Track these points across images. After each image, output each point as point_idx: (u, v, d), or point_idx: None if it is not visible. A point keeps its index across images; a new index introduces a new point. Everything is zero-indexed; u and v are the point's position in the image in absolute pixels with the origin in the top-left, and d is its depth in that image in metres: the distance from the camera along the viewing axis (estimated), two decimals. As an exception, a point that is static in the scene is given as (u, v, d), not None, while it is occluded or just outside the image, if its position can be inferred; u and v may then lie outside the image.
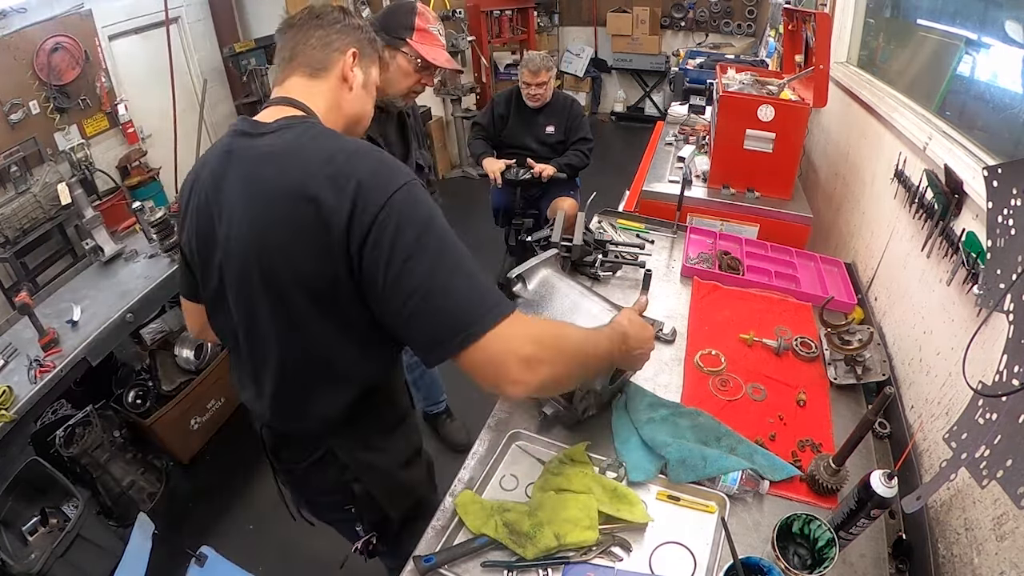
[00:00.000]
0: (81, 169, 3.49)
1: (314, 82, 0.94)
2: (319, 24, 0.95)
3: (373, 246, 0.76)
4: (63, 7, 3.45)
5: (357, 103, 0.99)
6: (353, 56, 0.96)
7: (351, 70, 0.96)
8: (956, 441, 0.87)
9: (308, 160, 0.80)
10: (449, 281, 0.77)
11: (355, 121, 1.01)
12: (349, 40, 0.97)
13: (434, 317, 0.77)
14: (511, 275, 1.23)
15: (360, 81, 0.98)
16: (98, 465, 2.14)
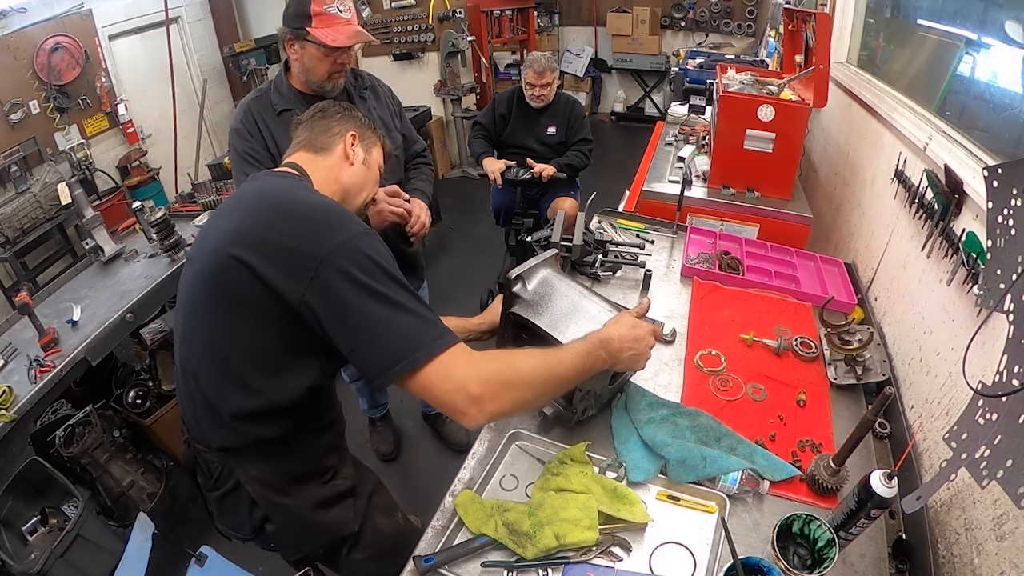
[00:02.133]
0: (81, 169, 3.49)
1: (317, 157, 1.11)
2: (323, 116, 1.16)
3: (320, 286, 0.86)
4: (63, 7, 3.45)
5: (357, 176, 1.14)
6: (352, 138, 1.14)
7: (351, 148, 1.13)
8: (956, 441, 0.87)
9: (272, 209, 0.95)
10: (386, 320, 0.86)
11: (355, 192, 1.15)
12: (348, 125, 1.15)
13: (372, 350, 0.87)
14: (510, 276, 1.23)
15: (360, 158, 1.14)
16: (98, 465, 2.14)
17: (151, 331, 2.48)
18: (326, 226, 0.89)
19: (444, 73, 4.99)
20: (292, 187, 1.01)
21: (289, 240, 0.88)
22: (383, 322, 0.86)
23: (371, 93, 1.73)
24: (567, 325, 1.16)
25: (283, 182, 1.03)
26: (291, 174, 1.07)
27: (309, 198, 0.97)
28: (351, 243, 0.88)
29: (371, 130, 1.19)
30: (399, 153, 1.75)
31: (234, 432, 1.00)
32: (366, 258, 0.87)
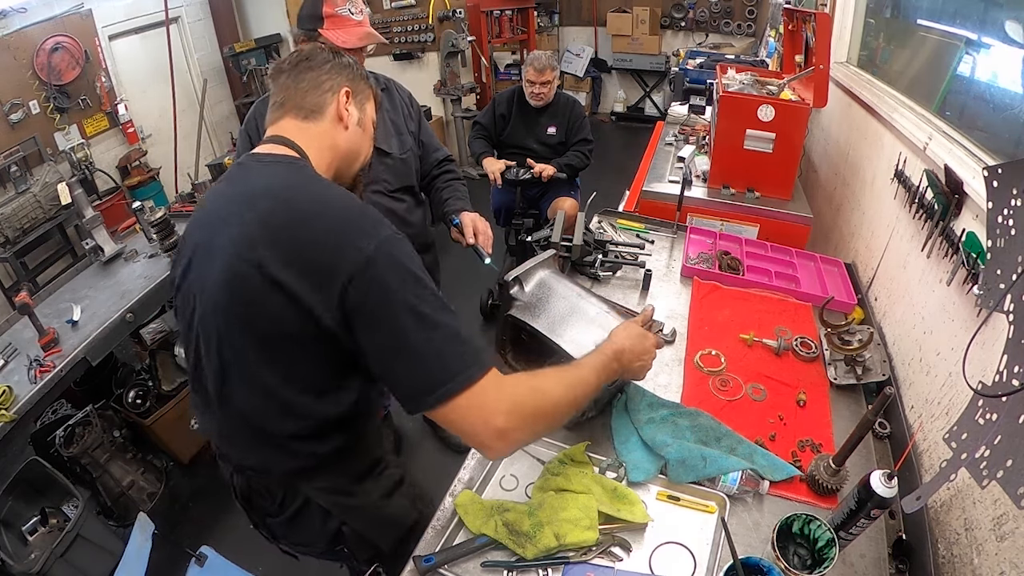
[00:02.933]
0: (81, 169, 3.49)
1: (308, 124, 0.96)
2: (309, 66, 0.97)
3: (352, 301, 0.78)
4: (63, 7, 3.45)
5: (353, 140, 1.01)
6: (346, 95, 0.98)
7: (345, 109, 0.98)
8: (956, 441, 0.87)
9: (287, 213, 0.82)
10: (420, 342, 0.78)
11: (351, 158, 1.03)
12: (341, 79, 0.98)
13: (406, 375, 0.80)
14: (507, 278, 1.22)
15: (355, 119, 1.00)
16: (98, 465, 2.15)
17: (151, 331, 2.48)
18: (354, 232, 0.80)
19: (444, 73, 4.99)
20: (301, 182, 0.88)
21: (315, 251, 0.78)
22: (416, 345, 0.78)
23: (385, 95, 1.70)
24: (565, 327, 1.16)
25: (288, 174, 0.89)
26: (289, 157, 0.92)
27: (326, 195, 0.86)
28: (383, 251, 0.79)
29: (363, 80, 1.04)
30: (408, 157, 1.71)
31: (294, 455, 0.96)
32: (400, 267, 0.79)
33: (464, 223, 1.62)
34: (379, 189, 1.66)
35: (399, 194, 1.71)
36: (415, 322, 0.78)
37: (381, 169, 1.65)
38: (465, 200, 1.77)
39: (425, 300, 0.79)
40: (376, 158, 1.64)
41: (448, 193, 1.78)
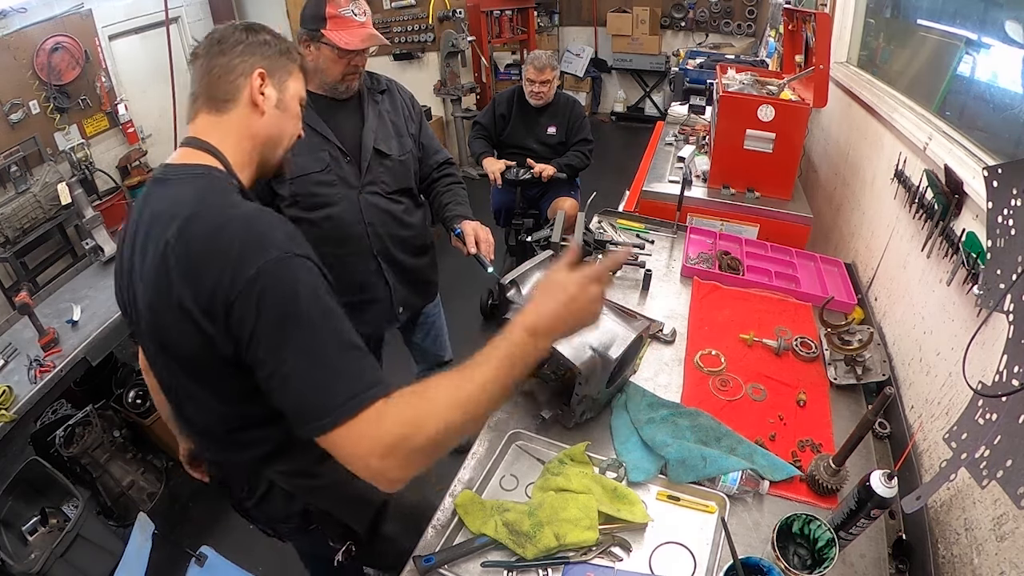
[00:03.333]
0: (81, 169, 3.49)
1: (220, 117, 0.91)
2: (220, 50, 0.91)
3: (235, 321, 0.75)
4: (63, 7, 3.45)
5: (273, 125, 0.94)
6: (260, 77, 0.91)
7: (259, 93, 0.91)
8: (956, 441, 0.87)
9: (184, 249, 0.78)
10: (296, 373, 0.75)
11: (273, 144, 0.96)
12: (254, 60, 0.92)
13: (284, 403, 0.76)
14: (503, 282, 1.22)
15: (273, 101, 0.93)
16: (98, 465, 2.14)
17: (151, 331, 2.47)
18: (242, 256, 0.75)
19: (444, 73, 4.99)
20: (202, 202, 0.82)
21: (207, 278, 0.75)
22: (291, 376, 0.75)
23: (386, 97, 1.71)
24: None
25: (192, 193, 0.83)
26: (199, 169, 0.87)
27: (221, 218, 0.79)
28: (266, 274, 0.74)
29: (285, 55, 0.96)
30: (407, 159, 1.71)
31: (247, 446, 0.98)
32: (281, 292, 0.75)
33: (466, 232, 1.62)
34: (377, 191, 1.66)
35: (397, 196, 1.71)
36: (292, 352, 0.75)
37: (380, 171, 1.65)
38: (465, 205, 1.76)
39: (305, 328, 0.75)
40: (375, 159, 1.64)
41: (448, 198, 1.77)
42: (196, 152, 0.88)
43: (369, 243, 1.70)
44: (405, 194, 1.74)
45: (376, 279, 1.76)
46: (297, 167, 1.59)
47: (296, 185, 1.60)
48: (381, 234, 1.70)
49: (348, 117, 1.63)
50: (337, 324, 0.78)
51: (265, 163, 0.96)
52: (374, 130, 1.64)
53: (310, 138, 1.59)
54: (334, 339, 0.77)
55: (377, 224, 1.68)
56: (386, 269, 1.75)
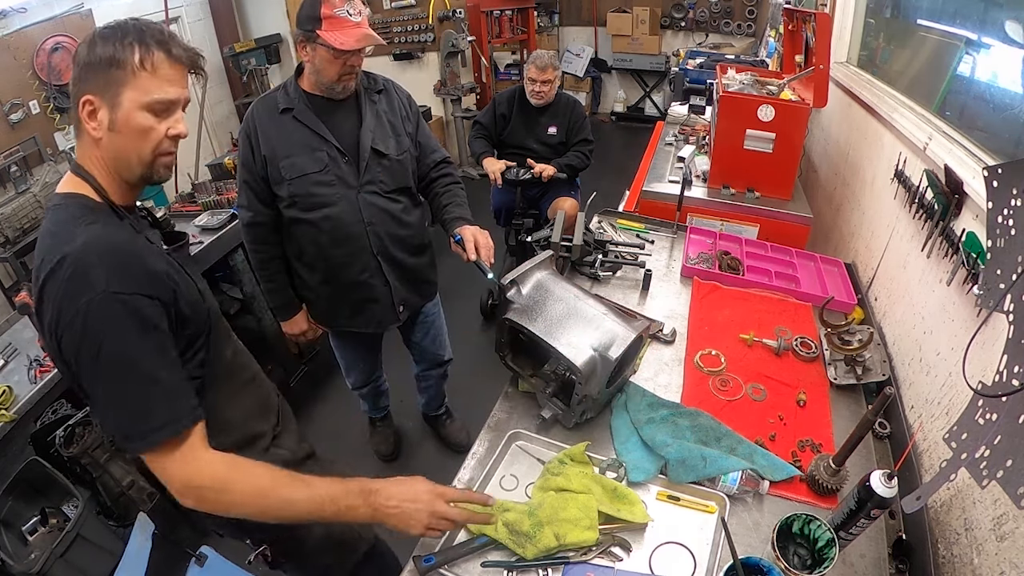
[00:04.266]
0: (81, 169, 3.49)
1: (79, 141, 0.94)
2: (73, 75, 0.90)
3: (64, 356, 0.85)
4: (63, 7, 3.45)
5: (111, 148, 0.90)
6: (88, 104, 0.87)
7: (89, 121, 0.89)
8: (956, 441, 0.87)
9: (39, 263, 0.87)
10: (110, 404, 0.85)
11: (124, 162, 0.91)
12: (82, 87, 0.87)
13: (105, 425, 0.89)
14: (503, 282, 1.22)
15: (105, 125, 0.88)
16: (98, 465, 2.14)
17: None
18: (68, 291, 0.82)
19: (444, 73, 4.99)
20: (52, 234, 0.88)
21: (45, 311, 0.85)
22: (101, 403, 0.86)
23: (383, 97, 1.70)
24: (562, 330, 1.16)
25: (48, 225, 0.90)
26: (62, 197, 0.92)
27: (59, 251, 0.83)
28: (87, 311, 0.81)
29: (114, 66, 0.85)
30: (405, 158, 1.71)
31: None
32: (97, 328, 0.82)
33: (465, 238, 1.58)
34: (375, 190, 1.66)
35: (395, 195, 1.71)
36: (103, 386, 0.84)
37: (378, 170, 1.66)
38: (464, 207, 1.74)
39: (111, 367, 0.83)
40: (373, 159, 1.64)
41: (447, 199, 1.76)
42: (70, 177, 0.94)
43: (368, 243, 1.70)
44: (403, 193, 1.74)
45: (376, 279, 1.76)
46: (295, 168, 1.59)
47: (294, 186, 1.60)
48: (380, 233, 1.70)
49: (346, 117, 1.63)
50: (141, 359, 0.84)
51: (129, 179, 0.94)
52: (372, 130, 1.64)
53: (308, 139, 1.59)
54: (131, 377, 0.84)
55: (376, 224, 1.68)
56: (386, 268, 1.75)
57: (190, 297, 0.94)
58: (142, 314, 0.84)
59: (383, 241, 1.71)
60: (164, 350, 0.87)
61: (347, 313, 1.84)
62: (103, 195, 0.92)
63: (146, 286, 0.85)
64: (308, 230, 1.67)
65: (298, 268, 1.79)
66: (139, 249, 0.89)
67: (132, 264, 0.86)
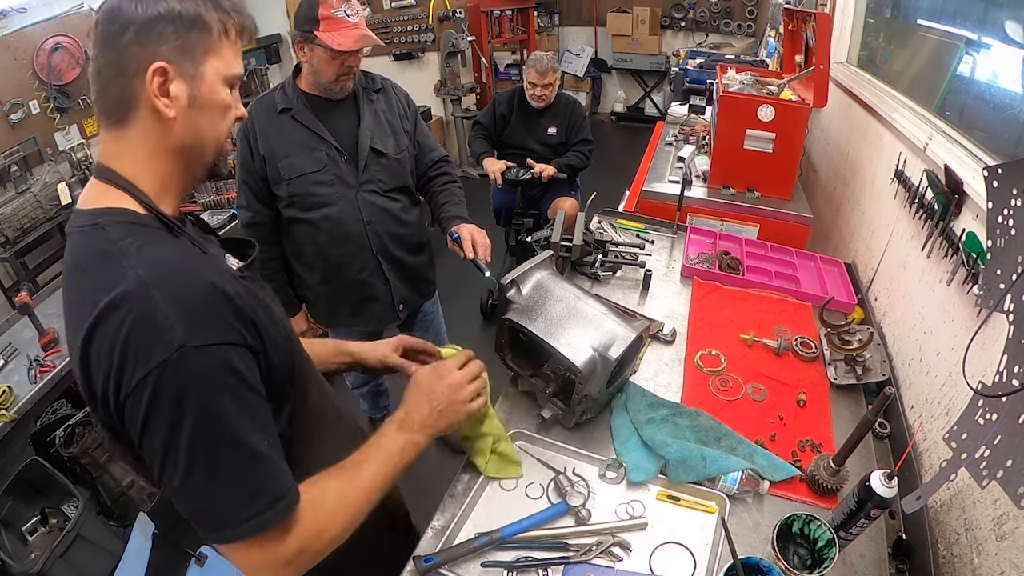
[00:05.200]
0: (81, 169, 3.49)
1: (120, 133, 0.70)
2: (108, 44, 0.67)
3: (127, 424, 0.66)
4: (63, 7, 3.45)
5: (188, 130, 0.71)
6: (161, 73, 0.67)
7: (158, 96, 0.68)
8: (956, 441, 0.87)
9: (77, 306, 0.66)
10: (198, 489, 0.67)
11: (196, 151, 0.74)
12: (150, 50, 0.67)
13: (183, 508, 0.70)
14: (503, 281, 1.22)
15: (184, 100, 0.69)
16: (98, 465, 2.14)
17: (151, 331, 2.47)
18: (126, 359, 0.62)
19: (444, 73, 4.99)
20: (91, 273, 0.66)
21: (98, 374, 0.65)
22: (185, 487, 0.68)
23: (382, 96, 1.71)
24: (562, 330, 1.16)
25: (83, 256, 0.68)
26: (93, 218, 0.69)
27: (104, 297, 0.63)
28: (164, 376, 0.62)
29: (195, 28, 0.69)
30: (403, 157, 1.72)
31: None
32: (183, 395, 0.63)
33: (463, 237, 1.60)
34: (375, 189, 1.67)
35: (394, 194, 1.72)
36: (186, 467, 0.66)
37: (377, 169, 1.66)
38: (462, 206, 1.75)
39: (199, 443, 0.65)
40: (372, 158, 1.64)
41: (445, 198, 1.77)
42: (100, 186, 0.71)
43: (368, 241, 1.70)
44: (402, 192, 1.75)
45: (375, 277, 1.77)
46: (294, 168, 1.59)
47: (294, 185, 1.60)
48: (380, 232, 1.70)
49: (344, 117, 1.64)
50: (235, 426, 0.66)
51: (192, 175, 0.77)
52: (370, 129, 1.64)
53: (306, 138, 1.59)
54: (227, 451, 0.66)
55: (376, 222, 1.69)
56: (385, 267, 1.76)
57: (277, 338, 0.74)
58: (234, 370, 0.66)
59: (382, 240, 1.72)
60: (260, 413, 0.70)
61: (347, 312, 1.84)
62: (149, 206, 0.71)
63: (233, 332, 0.67)
64: (307, 230, 1.67)
65: (297, 268, 1.79)
66: (212, 278, 0.67)
67: (211, 302, 0.66)
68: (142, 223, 0.69)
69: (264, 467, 0.69)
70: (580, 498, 1.06)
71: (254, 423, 0.69)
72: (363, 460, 0.82)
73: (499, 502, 1.09)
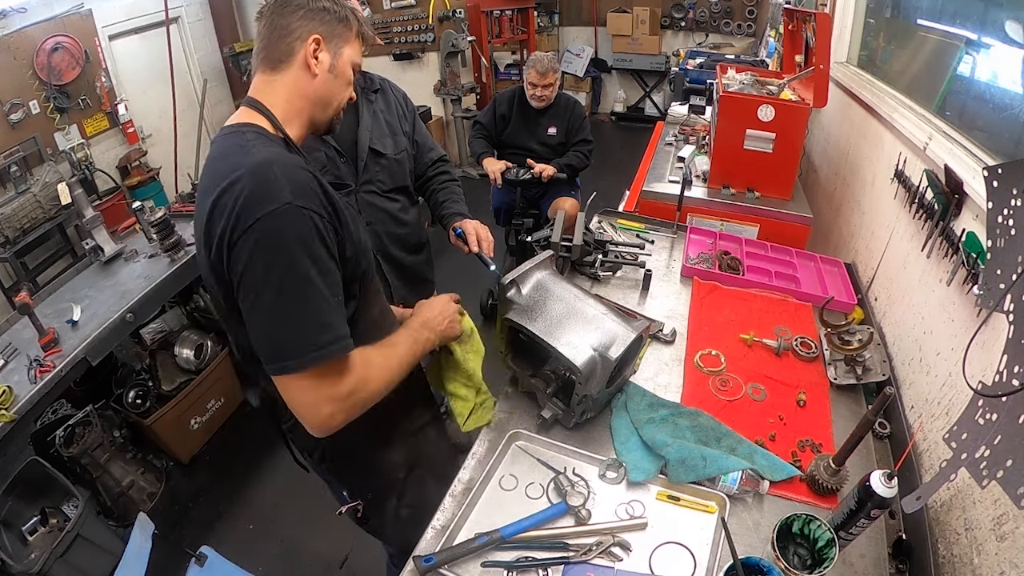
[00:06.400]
0: (81, 169, 3.49)
1: (275, 76, 0.97)
2: (282, 13, 0.96)
3: (232, 264, 0.83)
4: (63, 7, 3.45)
5: (323, 87, 0.99)
6: (316, 42, 0.96)
7: (313, 57, 0.96)
8: (956, 441, 0.87)
9: (212, 180, 0.87)
10: (272, 314, 0.83)
11: (324, 104, 1.01)
12: (313, 25, 0.97)
13: (258, 339, 0.85)
14: (503, 281, 1.22)
15: (326, 65, 0.98)
16: (98, 465, 2.15)
17: (151, 331, 2.48)
18: (247, 203, 0.81)
19: (444, 73, 4.99)
20: (230, 154, 0.89)
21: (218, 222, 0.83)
22: (266, 316, 0.83)
23: (380, 96, 1.71)
24: (562, 330, 1.16)
25: (226, 146, 0.92)
26: (242, 126, 0.94)
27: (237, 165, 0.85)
28: (264, 223, 0.81)
29: (342, 23, 1.01)
30: (402, 157, 1.73)
31: None
32: (274, 240, 0.81)
33: (467, 231, 1.63)
34: (374, 189, 1.67)
35: (393, 194, 1.72)
36: (273, 295, 0.82)
37: (376, 170, 1.66)
38: (462, 203, 1.77)
39: (288, 277, 0.82)
40: (371, 158, 1.65)
41: (445, 196, 1.79)
42: (245, 110, 0.97)
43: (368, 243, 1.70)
44: (401, 192, 1.75)
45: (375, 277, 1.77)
46: None
47: None
48: (380, 233, 1.70)
49: (343, 117, 1.64)
50: (317, 274, 0.83)
51: (315, 121, 1.03)
52: (369, 129, 1.64)
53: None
54: (309, 289, 0.83)
55: (376, 223, 1.69)
56: (385, 268, 1.76)
57: (355, 237, 0.94)
58: (321, 235, 0.84)
59: (383, 240, 1.72)
60: (333, 274, 0.87)
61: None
62: (280, 129, 0.95)
63: (324, 208, 0.86)
64: None
65: None
66: (314, 172, 0.89)
67: (311, 184, 0.86)
68: (269, 136, 0.93)
69: (333, 311, 0.86)
70: (580, 498, 1.06)
71: (328, 279, 0.85)
72: (396, 342, 1.03)
73: (499, 502, 1.09)
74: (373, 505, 1.26)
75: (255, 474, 2.40)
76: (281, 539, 2.14)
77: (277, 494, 2.32)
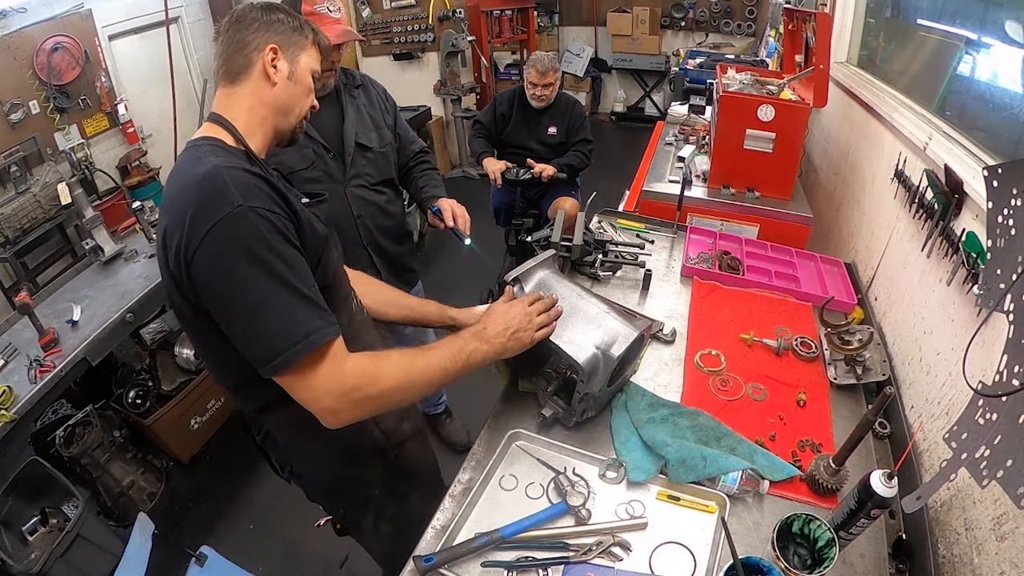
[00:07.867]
0: (81, 169, 3.49)
1: (235, 88, 0.98)
2: (237, 28, 0.98)
3: (195, 277, 0.83)
4: (63, 7, 3.44)
5: (283, 94, 1.00)
6: (273, 52, 0.98)
7: (272, 65, 0.97)
8: (956, 441, 0.87)
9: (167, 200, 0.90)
10: (254, 318, 0.83)
11: (285, 112, 1.01)
12: (268, 36, 0.98)
13: (244, 346, 0.86)
14: (506, 279, 1.22)
15: (285, 73, 0.99)
16: (98, 465, 2.15)
17: (151, 331, 2.48)
18: (199, 212, 0.82)
19: (444, 73, 4.99)
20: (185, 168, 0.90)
21: (174, 235, 0.84)
22: (244, 320, 0.84)
23: (362, 92, 1.75)
24: (564, 328, 1.16)
25: (182, 162, 0.93)
26: (199, 140, 0.94)
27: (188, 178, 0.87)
28: (220, 228, 0.81)
29: (297, 32, 1.02)
30: (387, 150, 1.78)
31: (245, 399, 1.05)
32: (234, 244, 0.82)
33: (443, 208, 1.71)
34: (362, 183, 1.72)
35: (380, 187, 1.77)
36: (242, 299, 0.82)
37: (363, 163, 1.71)
38: (441, 188, 1.85)
39: (254, 277, 0.82)
40: (358, 153, 1.69)
41: (424, 181, 1.86)
42: (208, 125, 0.98)
43: (359, 235, 1.73)
44: (387, 185, 1.81)
45: (367, 269, 1.78)
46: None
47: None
48: (369, 225, 1.75)
49: (328, 113, 1.66)
50: (284, 269, 0.84)
51: (279, 130, 1.03)
52: (354, 124, 1.68)
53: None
54: (277, 285, 0.83)
55: (365, 216, 1.72)
56: (375, 259, 1.79)
57: (312, 239, 0.94)
58: (281, 231, 0.85)
59: (372, 233, 1.76)
60: (302, 267, 0.88)
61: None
62: (241, 141, 0.96)
63: (280, 206, 0.87)
64: None
65: None
66: (268, 177, 0.90)
67: (263, 187, 0.87)
68: (228, 149, 0.93)
69: (309, 304, 0.86)
70: (580, 498, 1.06)
71: (296, 271, 0.85)
72: (435, 347, 1.00)
73: (499, 502, 1.09)
74: (348, 520, 1.27)
75: (255, 474, 2.40)
76: (281, 539, 2.14)
77: (277, 494, 2.31)
